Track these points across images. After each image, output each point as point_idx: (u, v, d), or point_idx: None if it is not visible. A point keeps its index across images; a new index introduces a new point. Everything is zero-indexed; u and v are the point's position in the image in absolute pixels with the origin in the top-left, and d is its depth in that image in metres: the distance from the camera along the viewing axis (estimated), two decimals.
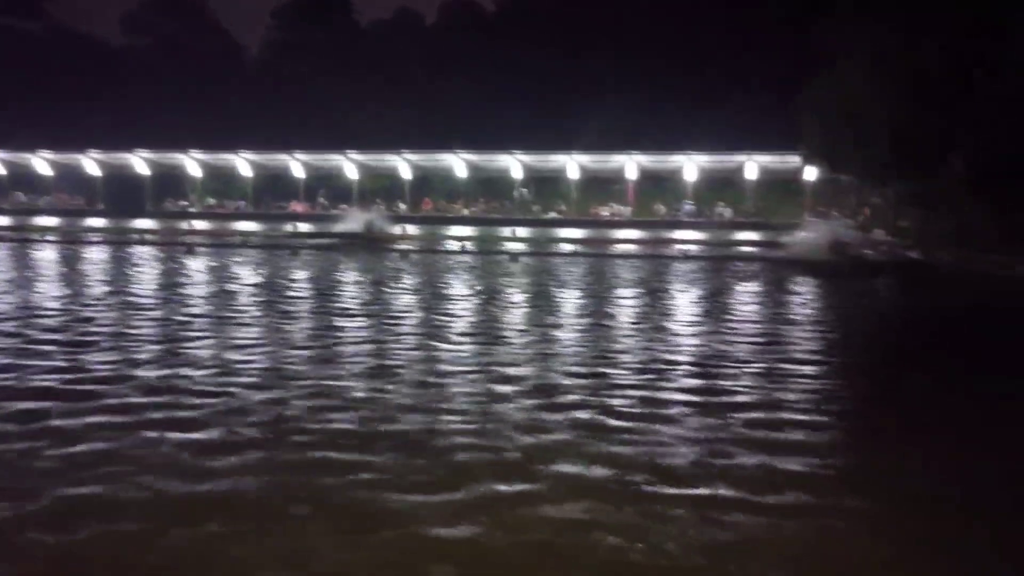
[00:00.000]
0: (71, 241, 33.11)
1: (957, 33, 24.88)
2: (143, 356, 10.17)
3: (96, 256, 27.02)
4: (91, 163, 60.53)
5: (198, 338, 11.45)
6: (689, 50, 64.12)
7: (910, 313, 17.60)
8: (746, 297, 18.34)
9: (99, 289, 17.38)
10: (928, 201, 30.78)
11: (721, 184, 56.23)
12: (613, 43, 66.51)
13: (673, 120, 56.96)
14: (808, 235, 31.26)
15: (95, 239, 34.39)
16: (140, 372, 9.24)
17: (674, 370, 9.86)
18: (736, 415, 7.75)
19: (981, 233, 26.96)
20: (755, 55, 58.45)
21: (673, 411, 7.93)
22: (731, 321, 14.18)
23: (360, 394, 8.41)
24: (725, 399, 8.41)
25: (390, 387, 8.72)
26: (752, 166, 52.23)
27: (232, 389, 8.44)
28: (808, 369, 10.09)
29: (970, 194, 25.97)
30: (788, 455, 6.57)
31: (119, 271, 22.08)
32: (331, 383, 8.81)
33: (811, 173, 47.73)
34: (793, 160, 45.87)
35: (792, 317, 15.10)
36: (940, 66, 25.09)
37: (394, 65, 70.52)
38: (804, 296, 18.72)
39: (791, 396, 8.62)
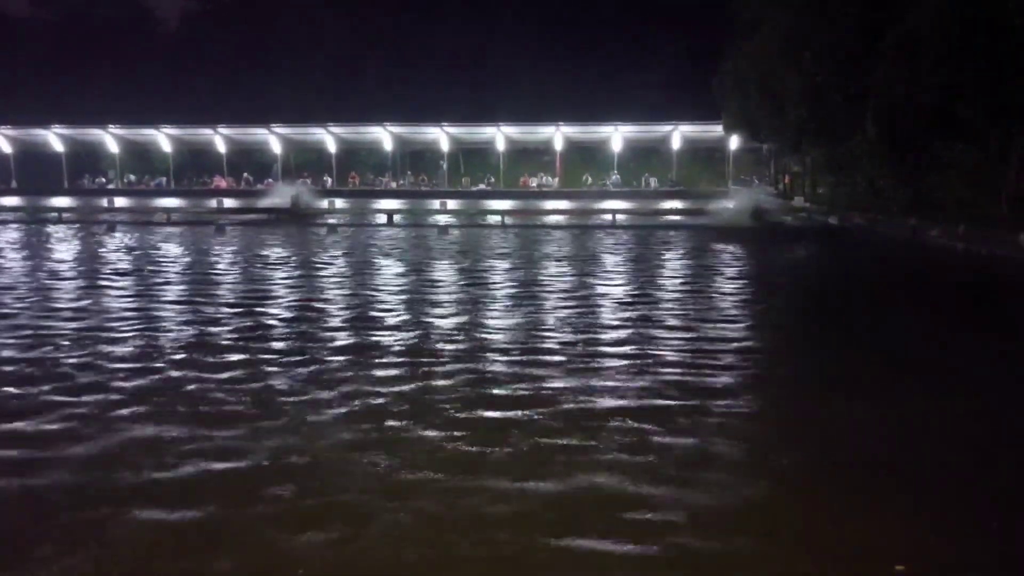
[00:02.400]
0: None
1: (862, 3, 25.69)
2: None
3: (12, 236, 26.17)
4: (2, 140, 58.01)
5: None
6: (610, 20, 64.44)
7: (812, 280, 18.36)
8: (672, 264, 18.83)
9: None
10: (842, 167, 31.81)
11: (647, 154, 56.97)
12: (531, 13, 66.30)
13: (597, 92, 57.28)
14: (731, 203, 32.07)
15: (9, 218, 33.24)
16: None
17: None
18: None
19: (893, 198, 28.00)
20: (678, 25, 59.11)
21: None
22: (660, 287, 14.61)
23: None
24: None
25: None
26: (677, 136, 53.01)
27: None
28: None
29: (881, 159, 26.92)
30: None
31: (39, 250, 21.51)
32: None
33: (733, 142, 48.74)
34: (716, 129, 46.69)
35: (714, 282, 15.61)
36: (850, 34, 25.88)
37: (312, 37, 69.04)
38: (725, 263, 19.30)
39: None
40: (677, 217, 32.38)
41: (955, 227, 21.61)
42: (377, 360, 8.62)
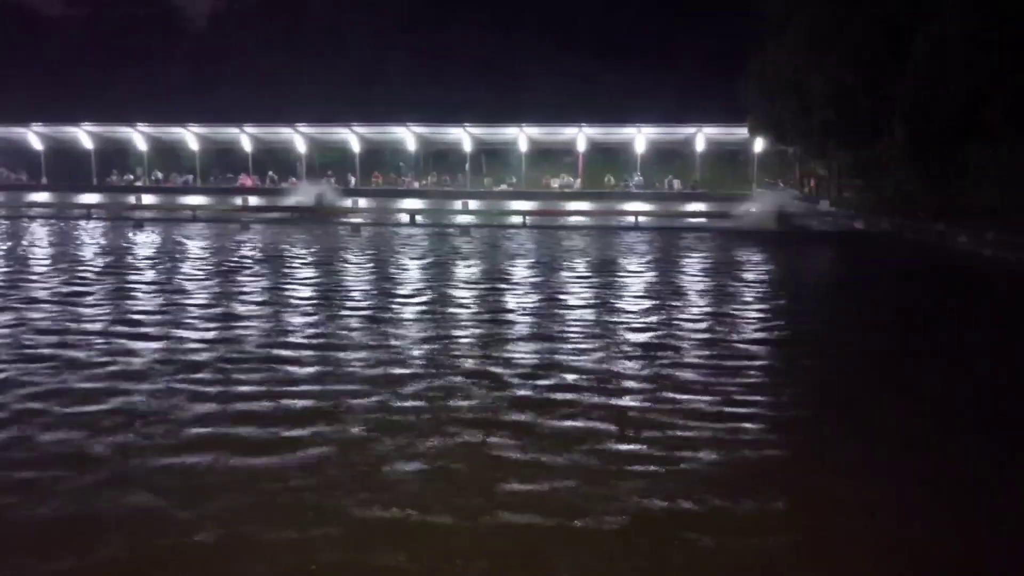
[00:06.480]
0: (17, 216, 32.40)
1: (888, 3, 25.37)
2: None
3: (46, 231, 26.52)
4: (34, 137, 58.79)
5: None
6: (633, 22, 64.27)
7: (843, 291, 18.17)
8: (694, 267, 18.75)
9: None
10: (869, 171, 31.47)
11: (670, 156, 56.70)
12: (554, 15, 66.32)
13: (619, 93, 57.06)
14: (756, 206, 31.83)
15: (42, 214, 33.66)
16: None
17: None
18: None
19: (920, 202, 27.61)
20: (702, 27, 58.86)
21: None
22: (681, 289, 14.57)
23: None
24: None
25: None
26: (701, 137, 52.73)
27: None
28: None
29: (908, 163, 26.58)
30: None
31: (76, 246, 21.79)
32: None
33: (758, 144, 48.38)
34: (740, 131, 46.39)
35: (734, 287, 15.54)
36: (877, 36, 25.59)
37: (336, 37, 69.41)
38: (747, 267, 19.20)
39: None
40: (701, 220, 32.16)
41: (983, 233, 21.30)
42: None
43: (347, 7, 73.38)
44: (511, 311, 11.86)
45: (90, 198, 42.99)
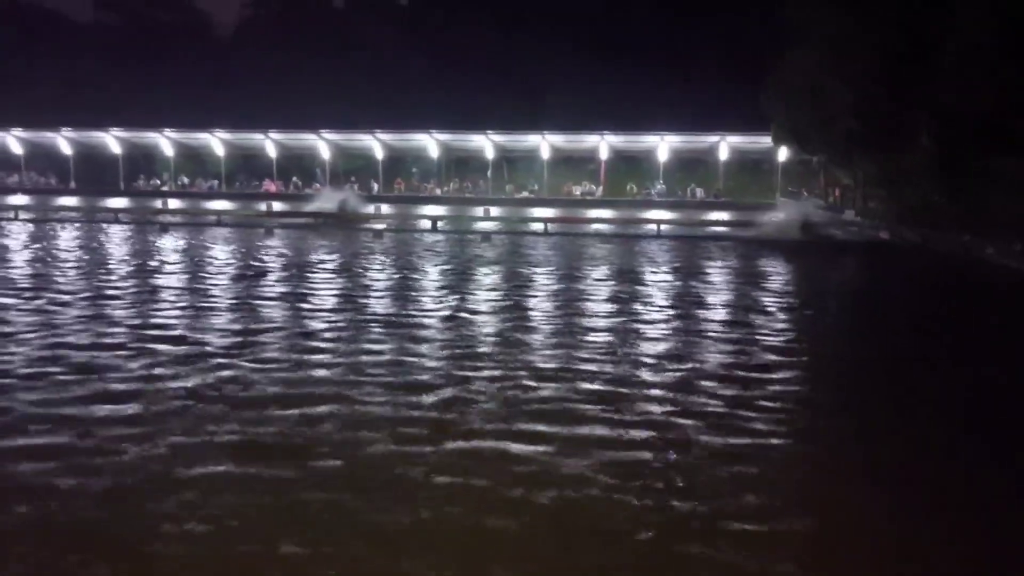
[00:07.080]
0: (46, 220, 32.89)
1: (913, 11, 25.16)
2: None
3: (79, 234, 26.92)
4: (64, 142, 59.68)
5: None
6: (656, 31, 64.29)
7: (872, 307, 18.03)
8: (718, 275, 18.72)
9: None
10: (894, 181, 31.23)
11: (693, 164, 56.48)
12: (577, 23, 66.52)
13: (642, 102, 56.93)
14: (780, 216, 31.70)
15: (71, 217, 34.17)
16: None
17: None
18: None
19: (947, 213, 27.31)
20: (725, 34, 58.77)
21: None
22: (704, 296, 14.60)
23: None
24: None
25: None
26: (724, 146, 52.53)
27: None
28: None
29: (934, 172, 26.34)
30: None
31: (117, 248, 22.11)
32: None
33: (782, 153, 48.14)
34: (764, 140, 46.18)
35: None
36: (899, 43, 25.39)
37: (364, 45, 69.94)
38: (769, 277, 19.13)
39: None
40: (724, 228, 32.01)
41: (1010, 245, 21.09)
42: None
43: (354, 8, 74.18)
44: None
45: (118, 202, 43.61)
